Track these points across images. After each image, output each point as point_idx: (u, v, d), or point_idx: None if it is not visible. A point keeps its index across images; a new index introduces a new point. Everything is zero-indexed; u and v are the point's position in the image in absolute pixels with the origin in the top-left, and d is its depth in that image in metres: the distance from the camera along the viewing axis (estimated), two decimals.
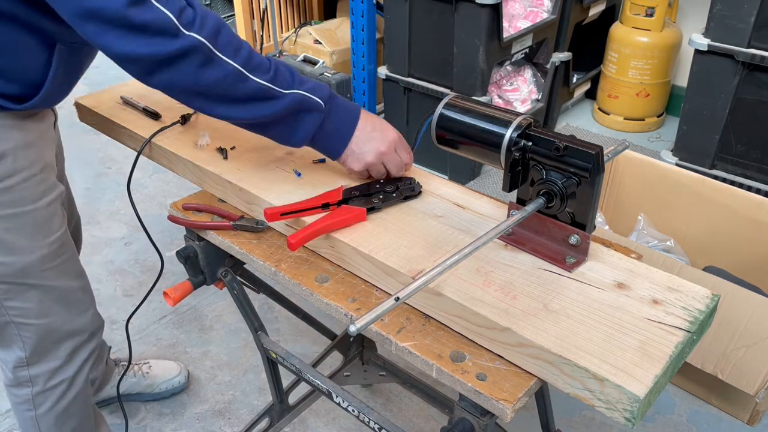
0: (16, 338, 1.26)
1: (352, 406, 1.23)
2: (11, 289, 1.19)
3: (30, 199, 1.15)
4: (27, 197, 1.15)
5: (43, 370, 1.31)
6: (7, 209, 1.13)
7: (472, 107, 1.01)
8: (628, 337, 0.84)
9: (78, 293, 1.31)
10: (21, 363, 1.29)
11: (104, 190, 2.82)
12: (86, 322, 1.34)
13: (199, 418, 1.82)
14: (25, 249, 1.17)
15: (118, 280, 2.32)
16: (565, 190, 0.93)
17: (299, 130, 1.08)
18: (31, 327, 1.25)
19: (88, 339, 1.35)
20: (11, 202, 1.13)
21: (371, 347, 1.72)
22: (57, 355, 1.31)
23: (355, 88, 2.94)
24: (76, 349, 1.33)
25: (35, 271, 1.20)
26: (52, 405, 1.35)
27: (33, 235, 1.17)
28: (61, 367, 1.33)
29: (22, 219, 1.15)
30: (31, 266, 1.19)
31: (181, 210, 1.23)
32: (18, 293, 1.20)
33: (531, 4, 2.89)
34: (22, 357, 1.28)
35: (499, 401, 0.84)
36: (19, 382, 1.32)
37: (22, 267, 1.18)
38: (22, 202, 1.14)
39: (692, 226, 2.04)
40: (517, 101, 2.91)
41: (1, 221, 1.13)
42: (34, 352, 1.28)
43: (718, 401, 1.83)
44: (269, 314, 2.15)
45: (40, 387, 1.33)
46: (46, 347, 1.29)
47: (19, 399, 1.34)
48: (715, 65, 2.31)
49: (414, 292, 0.79)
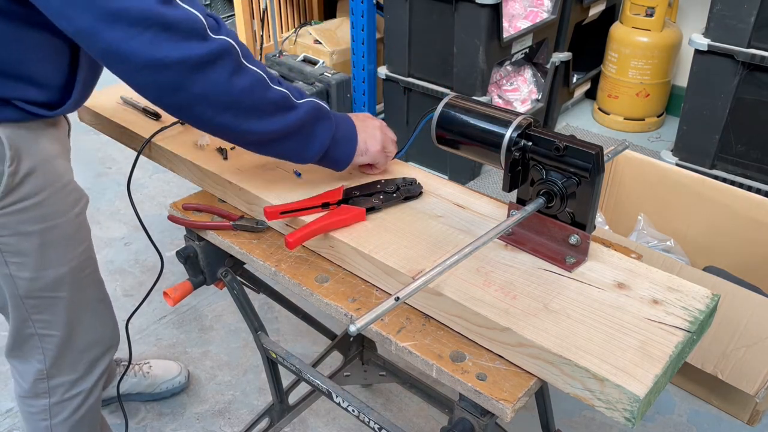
0: (38, 350, 1.25)
1: (352, 406, 1.23)
2: (41, 304, 1.18)
3: (61, 211, 1.14)
4: (58, 210, 1.13)
5: (63, 381, 1.30)
6: (40, 224, 1.11)
7: (472, 107, 1.01)
8: (628, 337, 0.84)
9: (100, 304, 1.31)
10: (41, 375, 1.28)
11: (104, 190, 2.82)
12: (106, 333, 1.34)
13: (199, 418, 1.82)
14: (57, 262, 1.16)
15: (118, 280, 2.32)
16: (565, 190, 0.93)
17: (316, 139, 1.05)
18: (53, 339, 1.24)
19: (106, 351, 1.35)
20: (43, 216, 1.11)
21: (371, 347, 1.72)
22: (77, 368, 1.30)
23: (355, 88, 2.94)
24: (95, 361, 1.33)
25: (65, 283, 1.19)
26: (69, 415, 1.34)
27: (64, 247, 1.16)
28: (80, 379, 1.32)
29: (54, 232, 1.14)
30: (61, 278, 1.18)
31: (180, 210, 1.23)
32: (47, 306, 1.19)
33: (531, 4, 2.89)
34: (41, 369, 1.27)
35: (499, 401, 0.84)
36: (37, 393, 1.30)
37: (53, 280, 1.17)
38: (53, 215, 1.13)
39: (692, 226, 2.04)
40: (517, 101, 2.91)
41: (34, 236, 1.11)
42: (54, 364, 1.27)
43: (718, 401, 1.83)
44: (269, 314, 2.15)
45: (57, 398, 1.31)
46: (65, 359, 1.28)
47: (35, 409, 1.33)
48: (715, 65, 2.31)
49: (414, 292, 0.79)
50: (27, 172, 1.06)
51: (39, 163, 1.08)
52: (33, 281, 1.15)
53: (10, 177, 1.04)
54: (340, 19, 3.27)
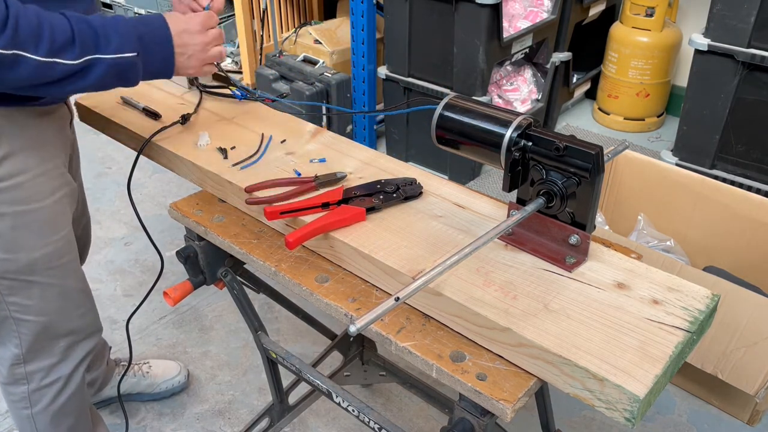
0: (13, 335, 1.26)
1: (352, 406, 1.23)
2: (14, 285, 1.19)
3: (38, 197, 1.15)
4: (35, 195, 1.15)
5: (39, 366, 1.31)
6: (14, 206, 1.13)
7: (472, 107, 1.01)
8: (628, 337, 0.84)
9: (78, 294, 1.31)
10: (17, 360, 1.29)
11: (104, 190, 2.82)
12: (84, 323, 1.34)
13: (199, 418, 1.82)
14: (31, 246, 1.17)
15: (118, 280, 2.32)
16: (565, 190, 0.93)
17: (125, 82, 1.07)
18: (29, 324, 1.25)
19: (85, 338, 1.36)
20: (19, 199, 1.13)
21: (371, 347, 1.72)
22: (53, 352, 1.31)
23: (355, 88, 2.94)
24: (71, 346, 1.33)
25: (40, 268, 1.20)
26: (49, 403, 1.35)
27: (39, 232, 1.17)
28: (57, 364, 1.33)
29: (30, 216, 1.15)
30: (35, 263, 1.19)
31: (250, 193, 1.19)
32: (20, 289, 1.20)
33: (531, 4, 2.89)
34: (18, 354, 1.28)
35: (499, 401, 0.84)
36: (16, 379, 1.32)
37: (27, 263, 1.18)
38: (29, 199, 1.14)
39: (692, 226, 2.04)
40: (517, 101, 2.91)
41: (7, 218, 1.13)
42: (30, 349, 1.28)
43: (718, 401, 1.83)
44: (269, 314, 2.15)
45: (35, 384, 1.33)
46: (42, 344, 1.29)
47: (16, 397, 1.35)
48: (715, 65, 2.31)
49: (414, 292, 0.79)
50: (3, 156, 1.09)
51: (19, 147, 1.10)
52: (5, 262, 1.16)
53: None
54: (340, 19, 3.27)
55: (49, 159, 1.17)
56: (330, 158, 1.27)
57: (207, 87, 1.49)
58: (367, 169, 1.23)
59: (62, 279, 1.25)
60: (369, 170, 1.23)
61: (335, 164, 1.24)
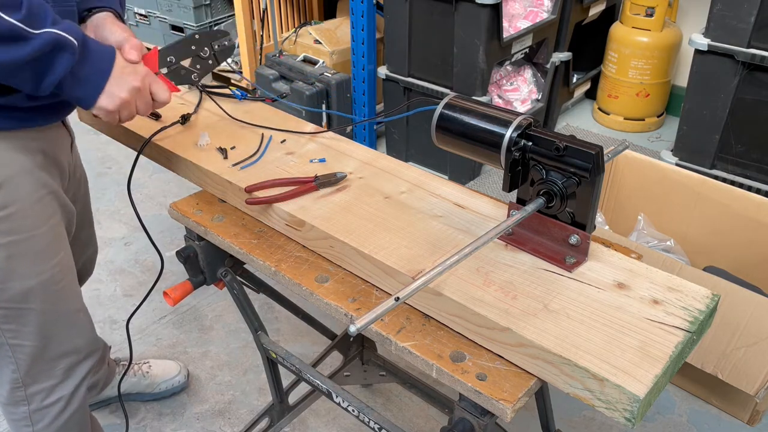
0: (9, 360, 1.22)
1: (352, 406, 1.23)
2: (9, 314, 1.16)
3: (33, 224, 1.12)
4: (27, 224, 1.11)
5: (40, 388, 1.28)
6: (8, 236, 1.09)
7: (472, 107, 1.01)
8: (628, 337, 0.84)
9: (76, 315, 1.28)
10: (17, 384, 1.26)
11: (104, 190, 2.82)
12: (83, 342, 1.31)
13: (199, 418, 1.82)
14: (26, 274, 1.14)
15: (118, 280, 2.32)
16: (565, 190, 0.93)
17: (48, 73, 0.95)
18: (25, 349, 1.21)
19: (85, 357, 1.32)
20: (13, 229, 1.09)
21: (371, 347, 1.72)
22: (53, 374, 1.28)
23: (355, 88, 2.94)
24: (72, 366, 1.30)
25: (35, 296, 1.17)
26: (51, 421, 1.32)
27: (35, 260, 1.14)
28: (58, 385, 1.30)
29: (25, 245, 1.12)
30: (30, 291, 1.15)
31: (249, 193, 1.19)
32: (16, 317, 1.17)
33: (531, 4, 2.89)
34: (16, 378, 1.25)
35: (499, 401, 0.84)
36: (16, 400, 1.28)
37: (21, 292, 1.14)
38: (24, 228, 1.11)
39: (692, 226, 2.04)
40: (517, 101, 2.91)
41: (1, 249, 1.09)
42: (29, 373, 1.25)
43: (718, 401, 1.83)
44: (269, 314, 2.15)
45: (36, 405, 1.29)
46: (40, 367, 1.25)
47: (17, 416, 1.31)
48: (715, 65, 2.31)
49: (414, 292, 0.79)
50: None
51: (10, 176, 1.06)
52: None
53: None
54: (340, 19, 3.27)
55: (43, 185, 1.13)
56: (330, 158, 1.27)
57: (207, 87, 1.50)
58: (366, 169, 1.23)
59: (59, 304, 1.22)
60: (369, 170, 1.23)
61: (335, 164, 1.24)
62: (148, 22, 3.86)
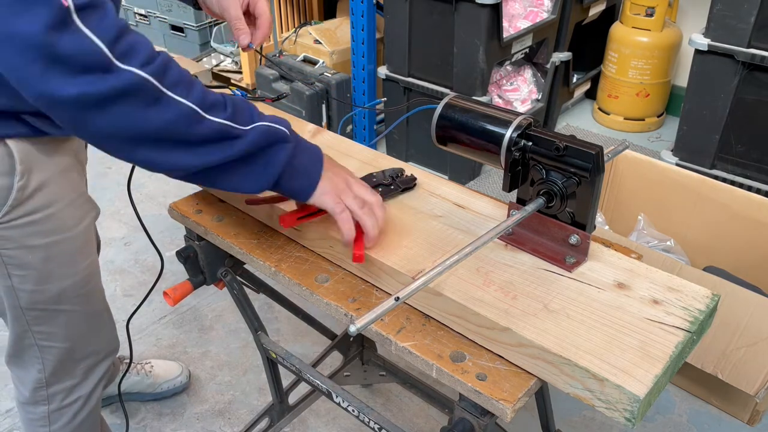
0: (37, 361, 1.24)
1: (352, 406, 1.23)
2: (41, 315, 1.17)
3: (69, 225, 1.13)
4: (66, 225, 1.12)
5: (61, 388, 1.29)
6: (46, 238, 1.10)
7: (472, 107, 1.01)
8: (628, 337, 0.84)
9: (103, 314, 1.30)
10: (40, 384, 1.27)
11: (104, 190, 2.82)
12: (105, 343, 1.33)
13: (199, 418, 1.82)
14: (61, 276, 1.14)
15: (118, 280, 2.32)
16: (565, 190, 0.93)
17: (267, 166, 0.93)
18: (53, 350, 1.23)
19: (105, 357, 1.34)
20: (51, 230, 1.10)
21: (371, 347, 1.72)
22: (74, 374, 1.29)
23: (355, 88, 2.94)
24: (91, 367, 1.32)
25: (68, 297, 1.17)
26: (68, 421, 1.33)
27: (70, 261, 1.15)
28: (78, 385, 1.31)
29: (61, 246, 1.12)
30: (64, 292, 1.16)
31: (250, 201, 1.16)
32: (48, 319, 1.18)
33: (531, 4, 2.89)
34: (41, 378, 1.26)
35: (499, 401, 0.84)
36: (36, 401, 1.30)
37: (56, 293, 1.15)
38: (60, 229, 1.11)
39: (692, 226, 2.04)
40: (517, 101, 2.91)
41: (39, 250, 1.10)
42: (54, 373, 1.26)
43: (718, 401, 1.83)
44: (269, 314, 2.15)
45: (56, 405, 1.31)
46: (65, 367, 1.27)
47: (35, 416, 1.32)
48: (715, 65, 2.31)
49: (414, 292, 0.79)
50: (37, 187, 1.05)
51: (50, 177, 1.07)
52: (35, 293, 1.13)
53: (20, 191, 1.03)
54: (340, 19, 3.27)
55: (76, 186, 1.14)
56: None
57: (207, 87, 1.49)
58: (367, 169, 1.23)
59: (88, 305, 1.24)
60: (369, 170, 1.23)
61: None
62: (148, 22, 3.86)
